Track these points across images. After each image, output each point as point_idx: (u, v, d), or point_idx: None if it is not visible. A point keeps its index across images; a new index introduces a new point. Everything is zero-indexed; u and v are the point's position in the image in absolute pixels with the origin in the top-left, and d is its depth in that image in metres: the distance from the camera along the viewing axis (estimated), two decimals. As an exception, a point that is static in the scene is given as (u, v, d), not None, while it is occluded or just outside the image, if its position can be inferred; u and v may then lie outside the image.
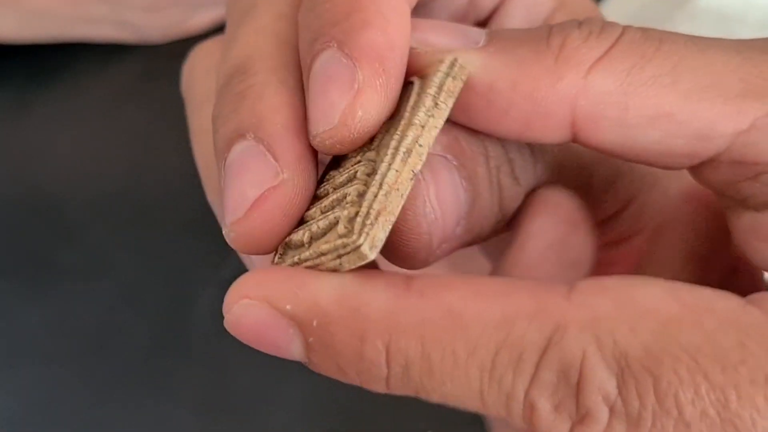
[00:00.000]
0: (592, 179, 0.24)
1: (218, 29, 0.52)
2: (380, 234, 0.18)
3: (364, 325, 0.17)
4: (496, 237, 0.25)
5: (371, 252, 0.18)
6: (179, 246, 0.42)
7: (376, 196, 0.18)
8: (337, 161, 0.20)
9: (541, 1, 0.26)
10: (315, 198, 0.20)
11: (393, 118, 0.19)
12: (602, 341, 0.16)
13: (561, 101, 0.18)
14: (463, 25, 0.20)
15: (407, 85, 0.20)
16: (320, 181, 0.20)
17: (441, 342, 0.17)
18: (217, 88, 0.21)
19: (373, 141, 0.19)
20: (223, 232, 0.20)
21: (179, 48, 0.52)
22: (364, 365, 0.17)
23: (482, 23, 0.26)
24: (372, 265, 0.19)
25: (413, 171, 0.18)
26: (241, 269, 0.36)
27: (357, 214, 0.18)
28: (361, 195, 0.18)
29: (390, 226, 0.18)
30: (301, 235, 0.19)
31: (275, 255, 0.20)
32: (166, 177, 0.45)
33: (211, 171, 0.24)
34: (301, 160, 0.19)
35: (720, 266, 0.24)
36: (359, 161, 0.19)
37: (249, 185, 0.19)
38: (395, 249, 0.19)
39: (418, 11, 0.26)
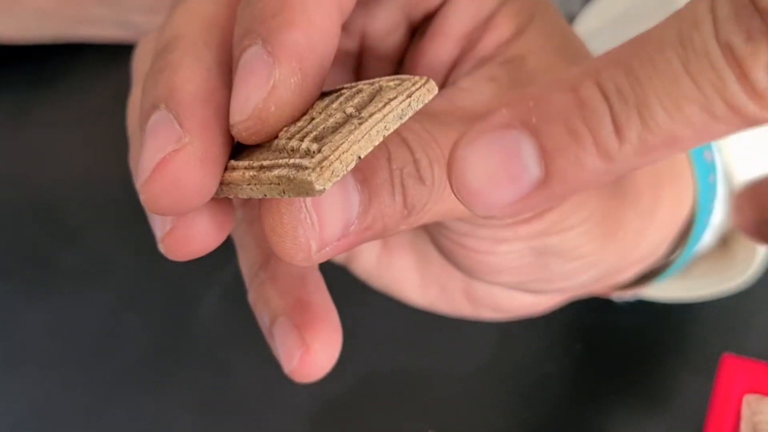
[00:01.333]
0: None
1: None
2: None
3: (567, 81, 0.17)
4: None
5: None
6: (181, 248, 0.42)
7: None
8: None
9: None
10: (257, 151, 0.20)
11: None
12: None
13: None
14: None
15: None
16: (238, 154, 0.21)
17: (635, 56, 0.17)
18: (146, 74, 0.23)
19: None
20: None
21: (181, 49, 0.52)
22: (586, 111, 0.17)
23: (431, 14, 0.27)
24: None
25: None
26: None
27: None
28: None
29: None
30: (295, 141, 0.19)
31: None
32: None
33: (133, 138, 0.26)
34: (206, 126, 0.20)
35: None
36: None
37: (155, 150, 0.20)
38: (278, 250, 0.20)
39: (368, 3, 0.26)
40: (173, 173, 0.20)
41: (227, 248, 0.41)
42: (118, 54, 0.51)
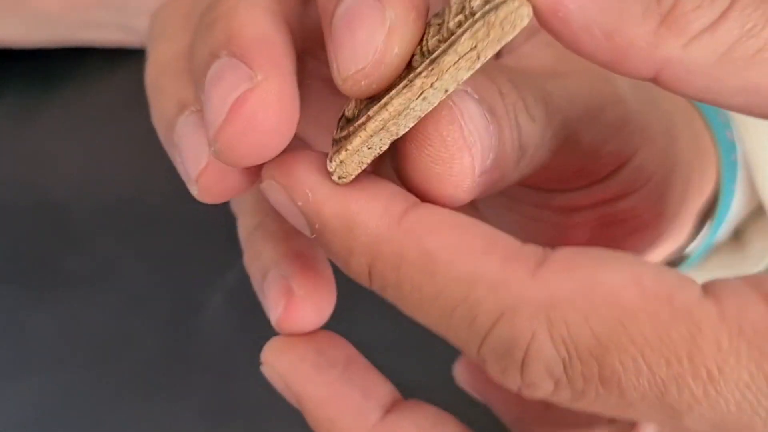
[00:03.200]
0: (592, 129, 0.24)
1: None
2: None
3: (353, 243, 0.19)
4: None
5: None
6: (186, 252, 0.42)
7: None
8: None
9: None
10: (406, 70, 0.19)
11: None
12: (554, 325, 0.17)
13: (652, 62, 0.18)
14: None
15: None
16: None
17: (411, 279, 0.18)
18: (194, 31, 0.22)
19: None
20: (211, 151, 0.20)
21: (185, 52, 0.52)
22: (351, 272, 0.19)
23: None
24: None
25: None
26: (247, 276, 0.36)
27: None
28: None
29: None
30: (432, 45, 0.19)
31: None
32: (173, 183, 0.44)
33: (156, 92, 0.24)
34: (278, 64, 0.19)
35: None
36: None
37: (225, 91, 0.19)
38: (441, 180, 0.20)
39: None
40: (251, 113, 0.19)
41: (231, 252, 0.41)
42: (122, 58, 0.51)
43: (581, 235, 0.27)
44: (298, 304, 0.23)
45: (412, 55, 0.19)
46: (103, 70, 0.50)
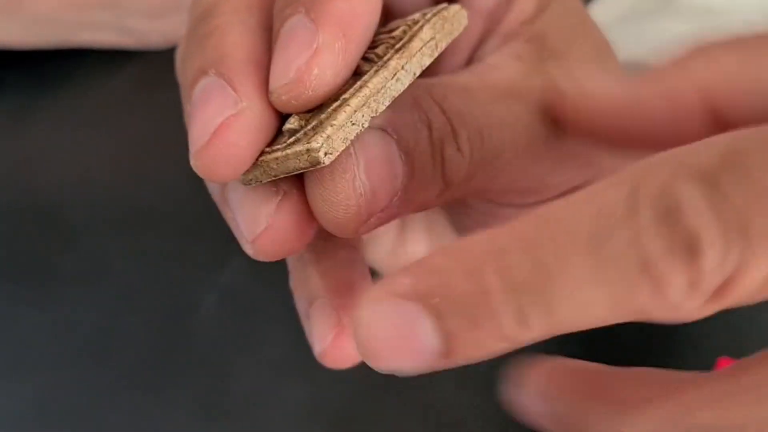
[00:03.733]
0: (533, 161, 0.24)
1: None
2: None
3: (471, 260, 0.17)
4: (459, 207, 0.27)
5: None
6: (179, 251, 0.42)
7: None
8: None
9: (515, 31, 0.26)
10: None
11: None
12: (683, 167, 0.16)
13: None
14: None
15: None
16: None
17: (544, 246, 0.16)
18: (185, 34, 0.23)
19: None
20: (191, 163, 0.21)
21: (181, 54, 0.52)
22: (490, 302, 0.17)
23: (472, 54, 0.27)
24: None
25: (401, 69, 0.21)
26: (241, 275, 0.36)
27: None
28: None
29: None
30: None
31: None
32: (166, 182, 0.45)
33: None
34: (261, 90, 0.21)
35: None
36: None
37: (210, 115, 0.20)
38: (326, 219, 0.21)
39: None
40: (233, 139, 0.20)
41: (226, 251, 0.41)
42: (119, 59, 0.51)
43: None
44: (346, 339, 0.22)
45: (358, 65, 0.21)
46: (99, 72, 0.50)
